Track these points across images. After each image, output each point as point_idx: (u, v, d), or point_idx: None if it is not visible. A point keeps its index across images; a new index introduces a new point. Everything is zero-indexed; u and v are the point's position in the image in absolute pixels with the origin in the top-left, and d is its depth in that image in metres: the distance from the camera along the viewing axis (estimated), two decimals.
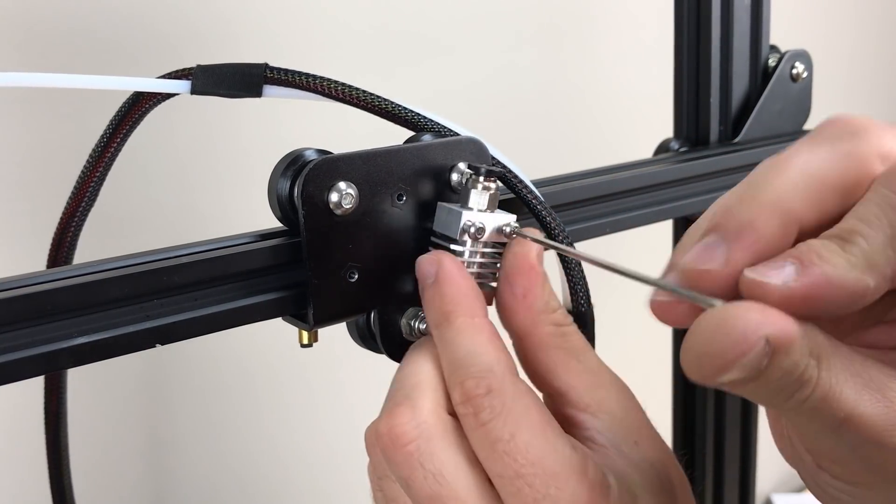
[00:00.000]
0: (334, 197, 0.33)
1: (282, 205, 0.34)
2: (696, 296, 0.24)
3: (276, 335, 0.57)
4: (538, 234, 0.34)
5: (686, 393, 0.60)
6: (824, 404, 0.23)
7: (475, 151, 0.36)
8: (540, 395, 0.33)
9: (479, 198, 0.34)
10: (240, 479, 0.72)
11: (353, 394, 0.76)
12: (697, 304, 0.24)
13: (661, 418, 0.35)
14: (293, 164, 0.33)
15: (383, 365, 0.38)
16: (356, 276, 0.34)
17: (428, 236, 0.36)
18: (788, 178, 0.25)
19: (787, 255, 0.24)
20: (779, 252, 0.25)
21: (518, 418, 0.29)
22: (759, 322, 0.22)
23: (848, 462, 0.26)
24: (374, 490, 0.33)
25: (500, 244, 0.35)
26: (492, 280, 0.35)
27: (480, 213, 0.34)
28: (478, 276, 0.35)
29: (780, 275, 0.23)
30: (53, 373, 0.44)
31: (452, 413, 0.31)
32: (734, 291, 0.24)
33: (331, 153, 0.34)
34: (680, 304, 0.25)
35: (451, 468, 0.29)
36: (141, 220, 0.62)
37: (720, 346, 0.22)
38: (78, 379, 0.50)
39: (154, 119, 0.38)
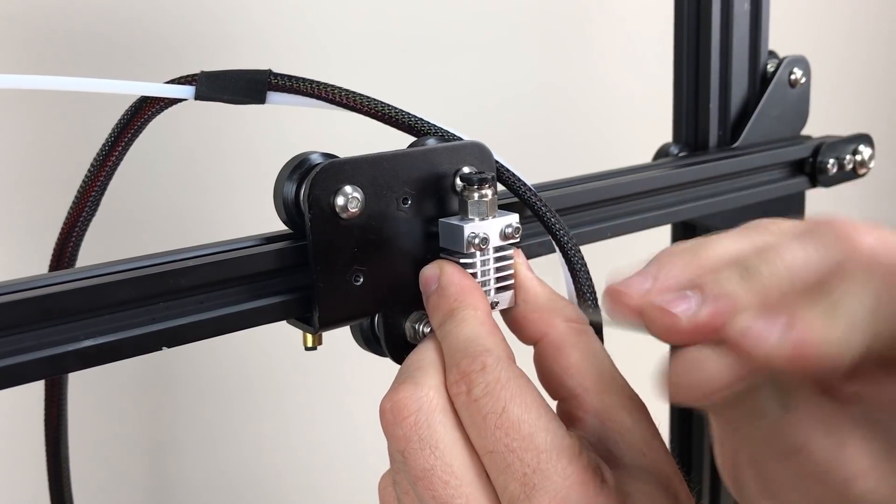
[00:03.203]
0: (340, 201, 0.33)
1: (288, 208, 0.34)
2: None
3: (276, 339, 0.57)
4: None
5: None
6: (781, 432, 0.28)
7: (479, 155, 0.36)
8: (553, 406, 0.33)
9: (477, 208, 0.35)
10: (239, 483, 0.72)
11: (353, 399, 0.76)
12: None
13: (661, 420, 0.35)
14: (299, 168, 0.34)
15: (382, 370, 0.38)
16: (361, 280, 0.34)
17: (432, 240, 0.36)
18: (776, 271, 0.27)
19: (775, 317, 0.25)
20: None
21: (512, 394, 0.29)
22: (729, 365, 0.26)
23: (789, 492, 0.29)
24: (387, 488, 0.33)
25: (511, 246, 0.35)
26: (511, 280, 0.36)
27: (482, 222, 0.35)
28: (497, 280, 0.35)
29: (770, 336, 0.25)
30: (54, 377, 0.44)
31: None
32: (692, 339, 0.27)
33: (336, 157, 0.34)
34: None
35: (446, 441, 0.30)
36: (145, 223, 0.62)
37: (694, 379, 0.26)
38: (77, 380, 0.50)
39: (159, 122, 0.38)
